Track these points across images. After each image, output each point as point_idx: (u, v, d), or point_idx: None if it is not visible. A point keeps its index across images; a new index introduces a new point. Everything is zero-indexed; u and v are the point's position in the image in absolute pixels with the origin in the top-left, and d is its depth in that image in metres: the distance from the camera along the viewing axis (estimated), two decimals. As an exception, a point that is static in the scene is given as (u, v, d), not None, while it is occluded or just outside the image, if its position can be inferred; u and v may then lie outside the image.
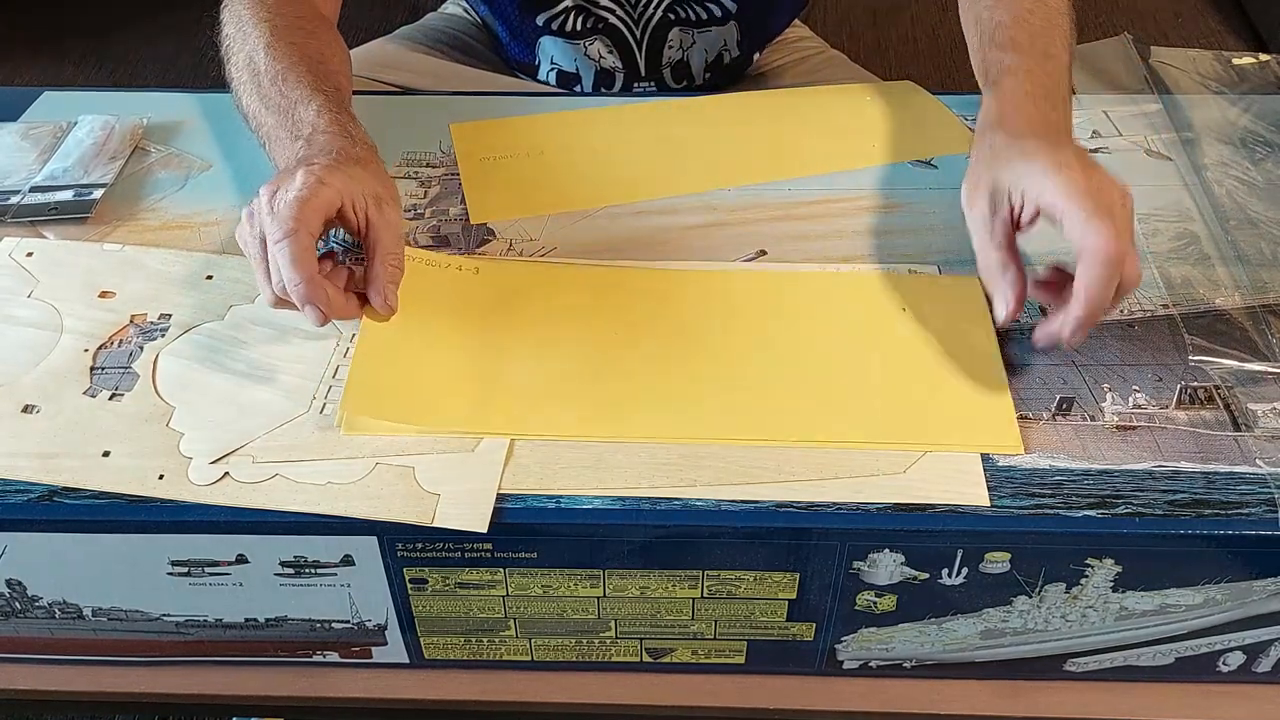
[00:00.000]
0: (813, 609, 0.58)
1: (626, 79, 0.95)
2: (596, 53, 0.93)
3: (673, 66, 0.95)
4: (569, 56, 0.94)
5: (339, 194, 0.59)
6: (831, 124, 0.83)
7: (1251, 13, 2.12)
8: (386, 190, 0.63)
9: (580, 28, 0.92)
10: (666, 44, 0.93)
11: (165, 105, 0.83)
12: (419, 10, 1.11)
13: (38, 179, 0.75)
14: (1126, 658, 0.60)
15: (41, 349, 0.63)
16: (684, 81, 0.96)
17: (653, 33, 0.92)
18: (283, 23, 0.72)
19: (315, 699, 0.62)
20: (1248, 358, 0.61)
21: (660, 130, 0.83)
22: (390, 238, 0.61)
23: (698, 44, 0.94)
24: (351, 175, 0.61)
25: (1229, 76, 0.86)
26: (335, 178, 0.59)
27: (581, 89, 0.96)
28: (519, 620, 0.59)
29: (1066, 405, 0.59)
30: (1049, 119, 0.65)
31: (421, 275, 0.66)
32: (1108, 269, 0.55)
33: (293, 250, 0.57)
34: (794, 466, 0.56)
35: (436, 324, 0.63)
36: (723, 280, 0.67)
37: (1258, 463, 0.56)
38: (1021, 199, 0.60)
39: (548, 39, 0.93)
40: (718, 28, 0.94)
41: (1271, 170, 0.76)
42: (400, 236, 0.62)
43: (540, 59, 0.96)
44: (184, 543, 0.55)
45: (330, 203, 0.59)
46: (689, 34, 0.93)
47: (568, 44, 0.93)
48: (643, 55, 0.94)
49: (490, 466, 0.56)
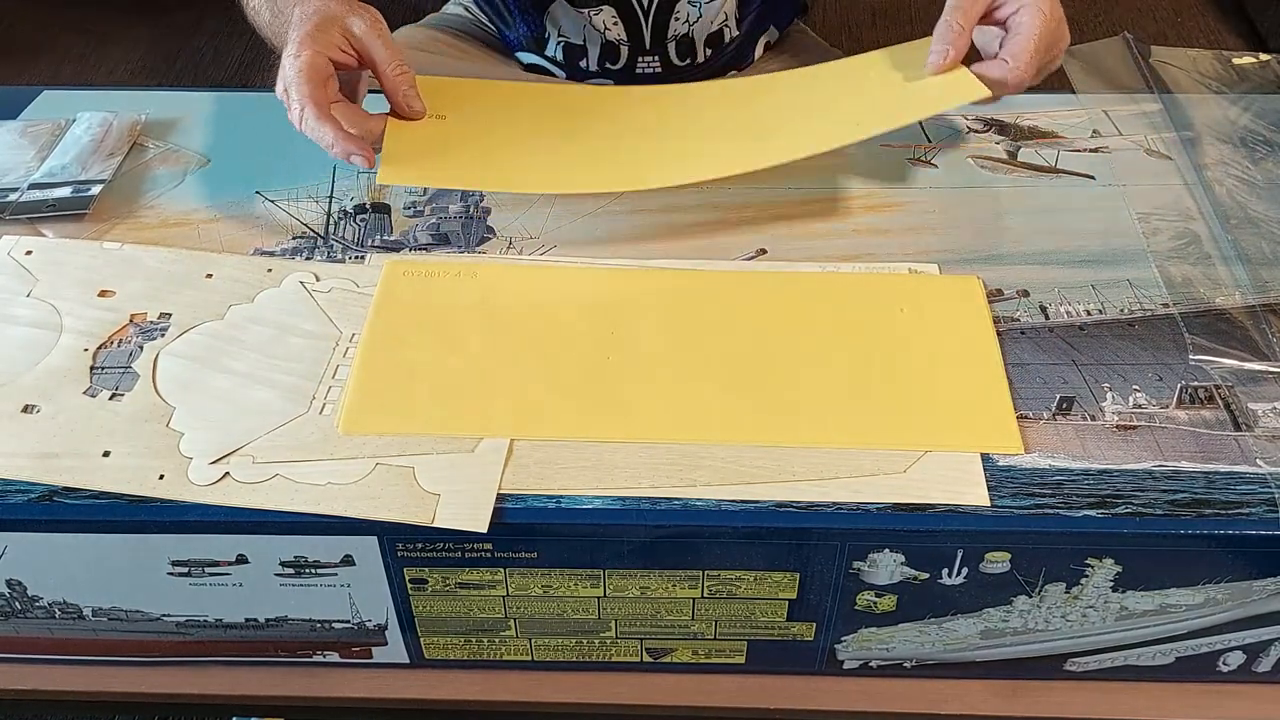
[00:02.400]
0: (813, 609, 0.58)
1: (631, 52, 0.95)
2: (603, 23, 0.94)
3: (677, 40, 0.95)
4: (577, 26, 0.94)
5: (317, 53, 0.68)
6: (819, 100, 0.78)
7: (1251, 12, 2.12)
8: (356, 13, 0.71)
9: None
10: (674, 15, 0.94)
11: (163, 102, 0.83)
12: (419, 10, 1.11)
13: (36, 176, 0.75)
14: (1127, 658, 0.60)
15: (41, 349, 0.63)
16: (688, 59, 0.97)
17: (660, 2, 0.93)
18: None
19: (315, 699, 0.62)
20: (1248, 357, 0.61)
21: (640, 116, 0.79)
22: (381, 50, 0.71)
23: (704, 17, 0.94)
24: (320, 26, 0.69)
25: (1229, 76, 0.86)
26: (307, 42, 0.69)
27: (587, 64, 0.96)
28: (519, 620, 0.59)
29: (1066, 405, 0.59)
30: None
31: (421, 282, 0.66)
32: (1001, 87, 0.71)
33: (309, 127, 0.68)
34: (794, 466, 0.56)
35: (436, 329, 0.63)
36: (722, 280, 0.67)
37: (1258, 463, 0.56)
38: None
39: (558, 5, 0.94)
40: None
41: (1272, 169, 0.76)
42: (389, 45, 0.71)
43: (549, 30, 0.96)
44: (184, 543, 0.55)
45: (314, 66, 0.68)
46: (695, 6, 0.93)
47: (576, 14, 0.94)
48: (649, 26, 0.94)
49: (490, 466, 0.56)
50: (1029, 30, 0.71)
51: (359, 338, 0.63)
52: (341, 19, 0.71)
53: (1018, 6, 0.72)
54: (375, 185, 0.75)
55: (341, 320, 0.64)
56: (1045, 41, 0.71)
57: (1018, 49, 0.71)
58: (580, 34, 0.95)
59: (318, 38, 0.69)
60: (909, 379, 0.61)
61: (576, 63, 0.97)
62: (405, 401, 0.59)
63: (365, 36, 0.71)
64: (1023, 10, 0.72)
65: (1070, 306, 0.65)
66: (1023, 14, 0.72)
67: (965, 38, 0.72)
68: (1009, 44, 0.71)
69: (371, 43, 0.71)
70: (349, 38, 0.71)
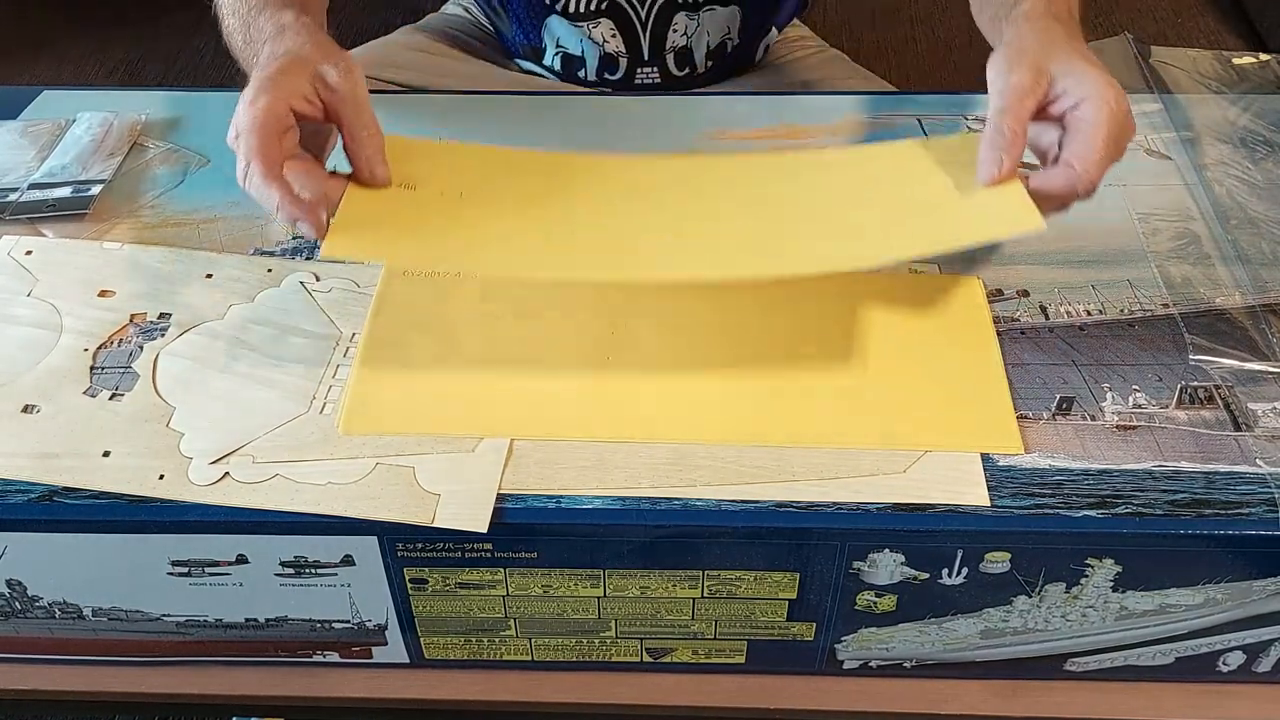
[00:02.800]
0: (813, 609, 0.58)
1: (630, 64, 0.95)
2: (601, 36, 0.94)
3: (676, 52, 0.95)
4: (575, 38, 0.94)
5: (277, 99, 0.59)
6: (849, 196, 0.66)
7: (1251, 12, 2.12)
8: (330, 61, 0.62)
9: (586, 9, 0.92)
10: (671, 27, 0.94)
11: (164, 102, 0.83)
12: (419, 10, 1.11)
13: (36, 176, 0.75)
14: (1127, 658, 0.60)
15: (41, 349, 0.63)
16: (686, 69, 0.97)
17: (658, 14, 0.93)
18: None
19: (315, 699, 0.62)
20: (1248, 357, 0.61)
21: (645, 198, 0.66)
22: (351, 109, 0.61)
23: (702, 27, 0.94)
24: (286, 70, 0.60)
25: (1229, 76, 0.86)
26: (268, 87, 0.59)
27: (585, 75, 0.96)
28: (519, 620, 0.59)
29: (1066, 405, 0.59)
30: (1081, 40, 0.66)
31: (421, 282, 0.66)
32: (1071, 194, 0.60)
33: (254, 185, 0.58)
34: (794, 466, 0.56)
35: (436, 329, 0.63)
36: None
37: (1258, 463, 0.56)
38: (1063, 92, 0.60)
39: (555, 19, 0.94)
40: (722, 8, 0.94)
41: (1271, 170, 0.76)
42: (361, 103, 0.61)
43: (546, 41, 0.96)
44: (184, 543, 0.55)
45: (271, 114, 0.58)
46: (694, 18, 0.93)
47: (574, 25, 0.93)
48: (647, 38, 0.94)
49: (490, 466, 0.56)
50: (1095, 127, 0.59)
51: (359, 338, 0.63)
52: (314, 64, 0.61)
53: (1078, 99, 0.60)
54: None
55: (341, 320, 0.64)
56: (1114, 137, 0.59)
57: (1084, 151, 0.59)
58: (578, 45, 0.95)
59: (281, 83, 0.60)
60: (909, 379, 0.60)
61: (575, 73, 0.97)
62: (405, 401, 0.59)
63: (339, 88, 0.61)
64: (1085, 104, 0.59)
65: (1070, 306, 0.65)
66: (1085, 108, 0.59)
67: (1019, 143, 0.60)
68: (1072, 144, 0.60)
69: (344, 97, 0.61)
70: (318, 86, 0.61)
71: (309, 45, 0.64)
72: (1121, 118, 0.59)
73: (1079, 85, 0.60)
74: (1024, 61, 0.61)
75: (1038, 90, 0.61)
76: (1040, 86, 0.61)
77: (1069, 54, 0.62)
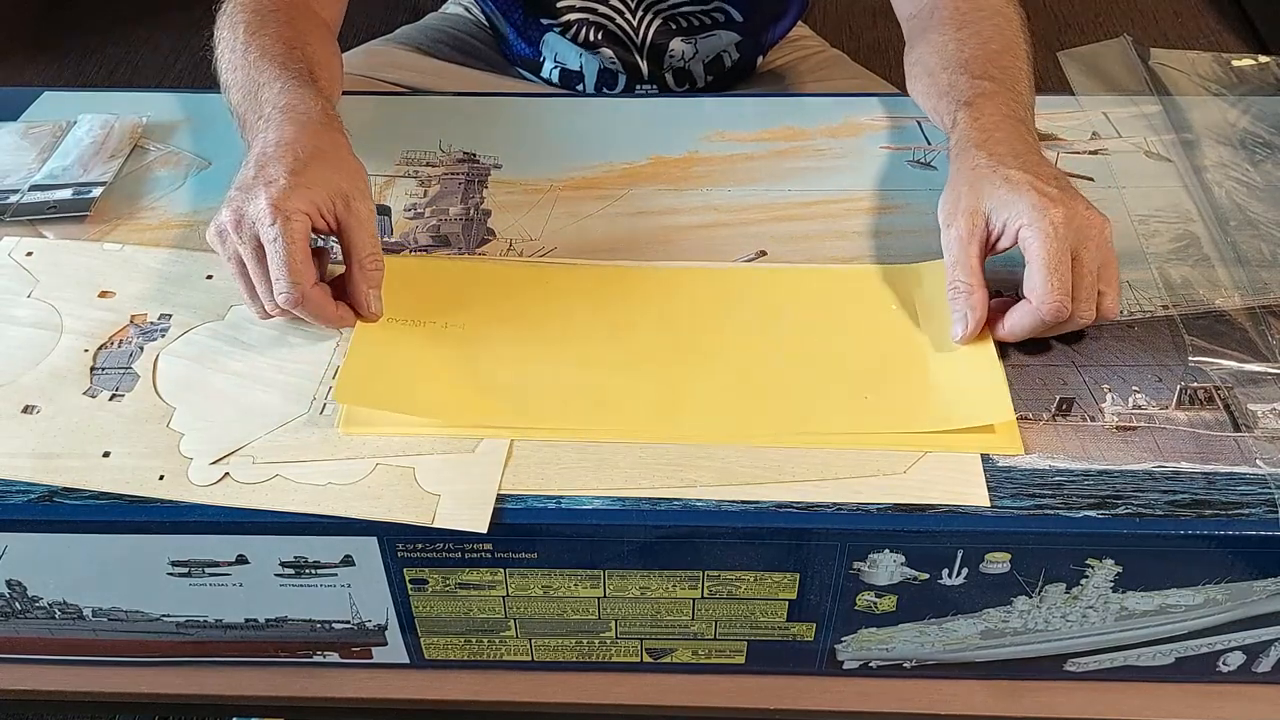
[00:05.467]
0: (813, 609, 0.58)
1: (629, 81, 0.95)
2: (599, 54, 0.94)
3: (674, 71, 0.95)
4: (573, 54, 0.94)
5: (305, 216, 0.59)
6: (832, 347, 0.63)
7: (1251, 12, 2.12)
8: (351, 183, 0.62)
9: (585, 36, 0.92)
10: (668, 52, 0.94)
11: (164, 104, 0.83)
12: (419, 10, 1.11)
13: (37, 178, 0.75)
14: (1126, 658, 0.60)
15: (41, 349, 0.63)
16: (686, 84, 0.96)
17: (654, 39, 0.93)
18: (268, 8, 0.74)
19: (315, 699, 0.62)
20: (1247, 358, 0.62)
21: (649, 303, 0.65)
22: (363, 237, 0.61)
23: (700, 53, 0.94)
24: (312, 181, 0.60)
25: (1228, 78, 0.86)
26: (298, 197, 0.59)
27: (584, 89, 0.96)
28: (519, 620, 0.59)
29: (1066, 405, 0.59)
30: (1027, 142, 0.66)
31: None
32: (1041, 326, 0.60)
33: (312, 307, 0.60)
34: (794, 466, 0.56)
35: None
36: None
37: (1258, 463, 0.56)
38: (1002, 226, 0.61)
39: (553, 35, 0.94)
40: (721, 31, 0.94)
41: (1271, 171, 0.76)
42: (373, 232, 0.62)
43: (545, 55, 0.96)
44: (184, 543, 0.55)
45: (305, 234, 0.59)
46: (690, 43, 0.93)
47: (572, 42, 0.93)
48: (645, 62, 0.94)
49: (490, 467, 0.56)
50: (1035, 259, 0.59)
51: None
52: (337, 183, 0.61)
53: (1017, 227, 0.60)
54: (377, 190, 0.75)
55: (341, 322, 0.64)
56: (1055, 259, 0.58)
57: (1032, 285, 0.59)
58: (576, 61, 0.95)
59: (304, 194, 0.59)
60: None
61: (573, 86, 0.97)
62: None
63: (358, 212, 0.61)
64: (1024, 230, 0.59)
65: (1070, 307, 0.65)
66: (1025, 234, 0.59)
67: (979, 292, 0.61)
68: (1027, 277, 0.60)
69: (359, 222, 0.61)
70: (338, 204, 0.60)
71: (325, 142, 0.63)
72: (1065, 231, 0.58)
73: (1015, 215, 0.60)
74: (959, 209, 0.62)
75: (975, 235, 0.62)
76: (978, 229, 0.62)
77: (995, 183, 0.62)
